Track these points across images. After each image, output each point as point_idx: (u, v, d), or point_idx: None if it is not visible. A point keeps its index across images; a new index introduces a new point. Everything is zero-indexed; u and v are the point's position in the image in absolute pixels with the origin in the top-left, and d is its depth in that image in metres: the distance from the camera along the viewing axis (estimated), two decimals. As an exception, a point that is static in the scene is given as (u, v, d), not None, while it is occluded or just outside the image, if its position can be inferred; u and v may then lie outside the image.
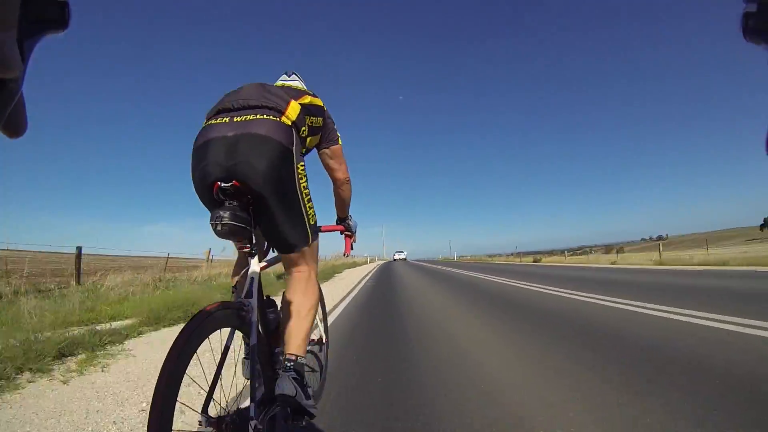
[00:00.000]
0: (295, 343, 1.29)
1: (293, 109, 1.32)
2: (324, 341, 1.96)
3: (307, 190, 1.32)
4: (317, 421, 1.69)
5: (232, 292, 1.29)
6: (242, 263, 1.36)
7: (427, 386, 2.29)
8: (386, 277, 14.12)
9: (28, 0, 0.29)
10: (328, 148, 1.58)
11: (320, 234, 1.56)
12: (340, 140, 1.61)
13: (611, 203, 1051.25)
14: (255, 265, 1.25)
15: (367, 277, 14.19)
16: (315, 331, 1.89)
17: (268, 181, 1.19)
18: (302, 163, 1.32)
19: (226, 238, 1.23)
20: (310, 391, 1.31)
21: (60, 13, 0.32)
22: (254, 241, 1.26)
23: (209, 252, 12.45)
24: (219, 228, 1.13)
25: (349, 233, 1.88)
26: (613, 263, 18.97)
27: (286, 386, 1.18)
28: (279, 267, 1.64)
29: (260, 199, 1.20)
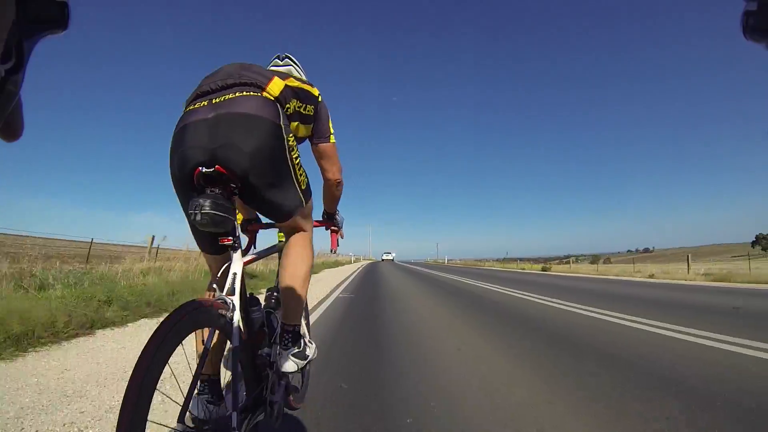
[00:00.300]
0: (291, 311, 1.29)
1: (276, 85, 1.24)
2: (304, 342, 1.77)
3: (298, 160, 1.25)
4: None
5: (209, 289, 1.23)
6: (221, 258, 1.22)
7: None
8: (371, 286, 10.86)
9: (27, 0, 0.29)
10: (319, 144, 1.47)
11: None
12: (333, 138, 1.50)
13: (597, 213, 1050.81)
14: (238, 259, 1.17)
15: (349, 281, 12.13)
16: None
17: (257, 162, 1.11)
18: (292, 135, 1.24)
19: (206, 230, 1.09)
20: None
21: (60, 13, 0.32)
22: (237, 234, 1.17)
23: (152, 239, 10.47)
24: (198, 218, 1.02)
25: (335, 229, 1.81)
26: (650, 276, 15.32)
27: (288, 365, 1.24)
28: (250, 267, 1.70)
29: (247, 182, 1.12)
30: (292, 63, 1.53)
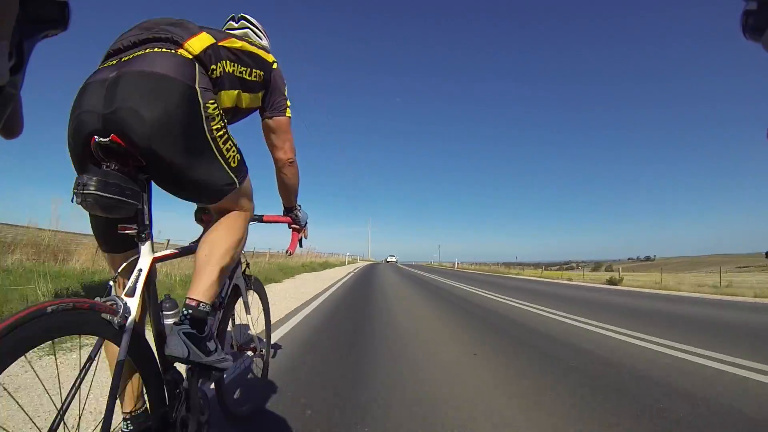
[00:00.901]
0: (199, 285, 1.07)
1: (199, 41, 1.07)
2: (261, 351, 1.76)
3: (222, 132, 1.07)
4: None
5: (107, 288, 0.99)
6: (128, 252, 1.06)
7: None
8: (356, 313, 5.39)
9: (27, 0, 0.29)
10: (272, 118, 1.33)
11: (265, 225, 1.57)
12: (288, 112, 1.35)
13: (596, 219, 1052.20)
14: (146, 253, 1.00)
15: (322, 299, 6.66)
16: (248, 337, 1.70)
17: (161, 131, 0.93)
18: (213, 101, 1.04)
19: (97, 214, 0.92)
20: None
21: (60, 13, 0.32)
22: (146, 222, 1.00)
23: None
24: (80, 200, 0.87)
25: (296, 227, 1.61)
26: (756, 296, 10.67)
27: (175, 346, 1.01)
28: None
29: (153, 157, 0.95)
30: (249, 26, 1.37)
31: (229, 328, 1.53)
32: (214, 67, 1.09)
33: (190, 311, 1.04)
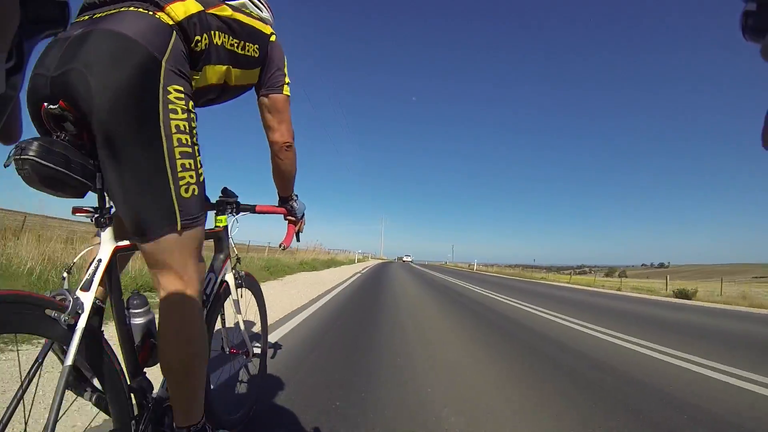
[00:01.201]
0: (181, 409, 0.93)
1: (183, 6, 0.91)
2: (250, 353, 1.57)
3: (184, 136, 0.87)
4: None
5: (62, 279, 0.87)
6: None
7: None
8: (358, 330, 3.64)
9: (27, 0, 0.29)
10: (267, 96, 1.18)
11: (258, 216, 1.42)
12: (287, 90, 1.20)
13: (610, 223, 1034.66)
14: (106, 241, 0.88)
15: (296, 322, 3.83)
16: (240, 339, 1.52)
17: (105, 105, 0.78)
18: (178, 87, 0.87)
19: (37, 188, 0.77)
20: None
21: (60, 13, 0.32)
22: (106, 203, 0.87)
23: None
24: (17, 166, 0.73)
25: (292, 218, 1.44)
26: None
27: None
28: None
29: (101, 137, 0.80)
30: None
31: (219, 328, 1.40)
32: (198, 38, 0.94)
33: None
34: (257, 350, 1.66)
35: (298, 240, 1.52)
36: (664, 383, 2.52)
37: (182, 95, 0.88)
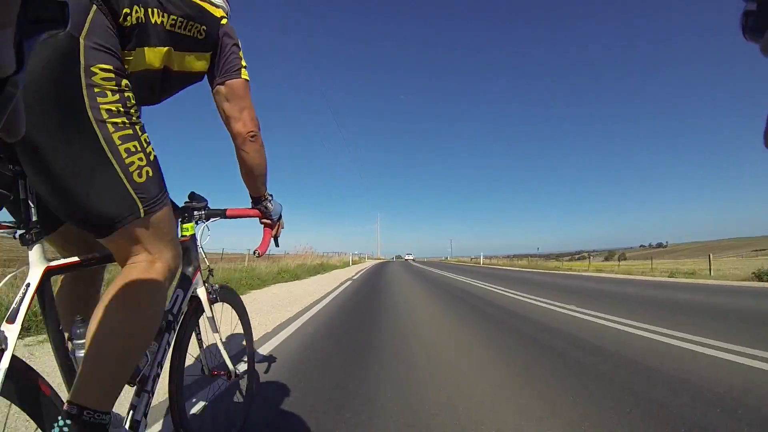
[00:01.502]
0: (90, 386, 0.74)
1: None
2: (232, 375, 1.36)
3: (120, 119, 0.78)
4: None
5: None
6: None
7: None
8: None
9: (27, 0, 0.28)
10: (223, 83, 1.06)
11: (235, 222, 1.29)
12: (245, 74, 1.09)
13: (607, 206, 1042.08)
14: (35, 261, 0.77)
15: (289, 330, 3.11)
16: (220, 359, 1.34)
17: (22, 97, 0.42)
18: (105, 65, 0.77)
19: None
20: None
21: (60, 13, 0.31)
22: (32, 218, 0.78)
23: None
24: None
25: (268, 221, 1.29)
26: None
27: None
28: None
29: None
30: None
31: (196, 350, 1.26)
32: (127, 10, 0.84)
33: (69, 422, 0.70)
34: (242, 369, 1.52)
35: (276, 245, 1.38)
36: None
37: (111, 74, 0.79)
